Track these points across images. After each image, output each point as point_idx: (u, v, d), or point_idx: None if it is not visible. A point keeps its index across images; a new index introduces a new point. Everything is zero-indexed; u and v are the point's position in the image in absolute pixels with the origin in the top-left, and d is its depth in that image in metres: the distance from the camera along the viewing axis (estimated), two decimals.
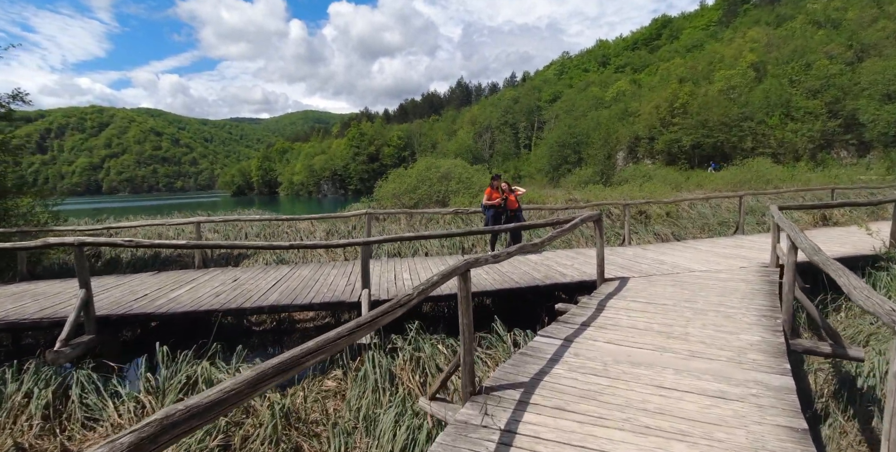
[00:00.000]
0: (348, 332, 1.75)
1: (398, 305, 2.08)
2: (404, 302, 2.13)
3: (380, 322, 2.00)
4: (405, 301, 2.14)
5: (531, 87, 79.66)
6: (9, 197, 13.71)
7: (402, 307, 2.10)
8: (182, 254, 11.87)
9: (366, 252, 5.10)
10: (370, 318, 1.92)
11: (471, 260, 2.81)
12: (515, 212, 8.26)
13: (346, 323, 1.86)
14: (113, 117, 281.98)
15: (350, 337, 1.76)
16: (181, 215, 25.02)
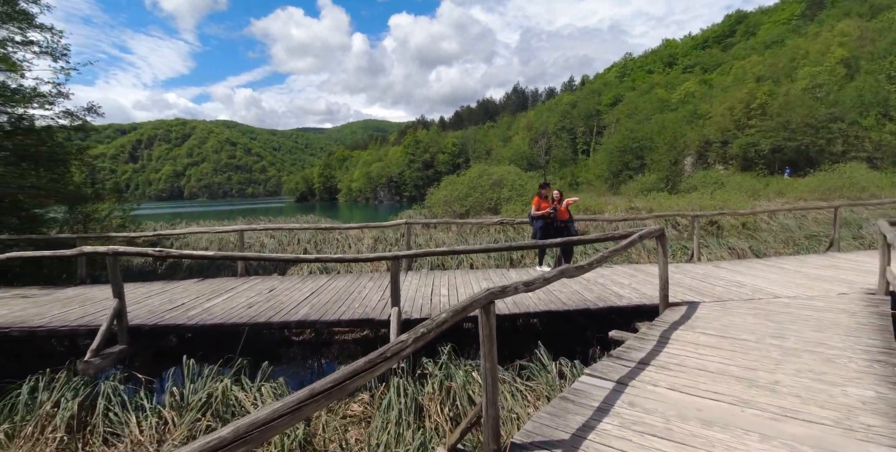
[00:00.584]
0: (309, 400, 1.33)
1: (382, 359, 1.63)
2: (394, 352, 1.68)
3: (354, 383, 1.56)
4: (396, 349, 1.69)
5: (590, 91, 77.04)
6: (89, 203, 14.88)
7: (386, 360, 1.65)
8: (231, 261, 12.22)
9: (395, 267, 4.71)
10: (331, 384, 1.48)
11: (495, 291, 2.30)
12: (566, 224, 7.56)
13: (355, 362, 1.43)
14: (194, 129, 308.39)
15: (314, 405, 1.34)
16: (243, 221, 26.28)
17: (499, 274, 7.41)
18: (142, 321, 5.00)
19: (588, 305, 5.32)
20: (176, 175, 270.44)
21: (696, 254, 8.70)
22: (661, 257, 4.99)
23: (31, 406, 4.10)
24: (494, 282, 6.73)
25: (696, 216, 8.66)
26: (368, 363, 1.56)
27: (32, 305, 5.83)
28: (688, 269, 7.57)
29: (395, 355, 1.66)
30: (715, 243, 11.24)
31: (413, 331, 1.81)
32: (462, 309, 2.09)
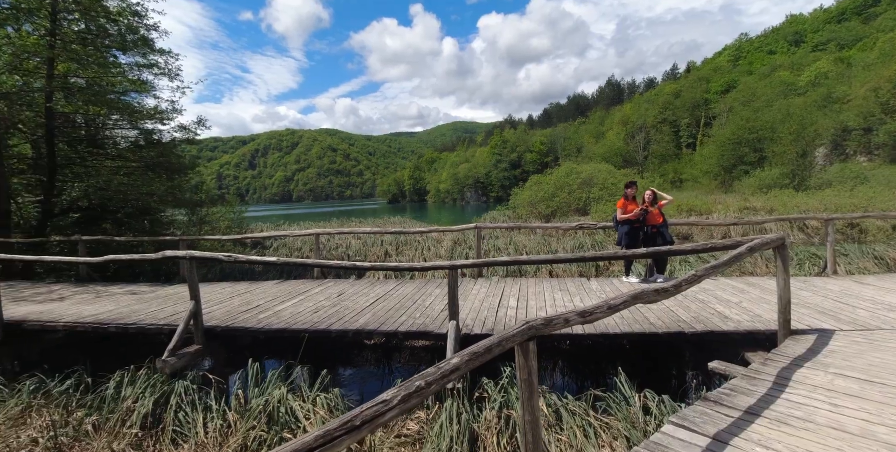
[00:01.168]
0: None
1: (344, 431, 1.24)
2: (364, 420, 1.28)
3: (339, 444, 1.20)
4: (367, 417, 1.29)
5: (697, 79, 69.73)
6: (204, 207, 16.64)
7: (351, 432, 1.26)
8: None
9: (453, 277, 4.34)
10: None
11: (536, 324, 1.82)
12: (659, 229, 6.59)
13: None
14: (301, 138, 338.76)
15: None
16: (336, 223, 27.85)
17: (577, 284, 6.69)
18: (217, 322, 5.23)
19: (682, 327, 4.47)
20: (286, 180, 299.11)
21: (831, 266, 7.11)
22: (781, 273, 4.01)
23: (116, 400, 4.43)
24: (571, 294, 6.06)
25: (830, 219, 7.06)
26: (321, 438, 1.20)
27: (136, 301, 6.46)
28: (818, 285, 6.17)
29: (364, 424, 1.28)
30: (856, 251, 9.23)
31: (403, 387, 1.39)
32: (486, 350, 1.65)
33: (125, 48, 11.25)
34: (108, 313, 5.74)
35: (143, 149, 13.15)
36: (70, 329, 5.32)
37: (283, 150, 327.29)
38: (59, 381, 4.89)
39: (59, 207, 10.30)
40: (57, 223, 11.39)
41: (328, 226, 25.81)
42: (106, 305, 6.31)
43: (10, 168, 11.06)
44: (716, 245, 4.09)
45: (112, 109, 10.89)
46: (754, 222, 7.96)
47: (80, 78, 11.22)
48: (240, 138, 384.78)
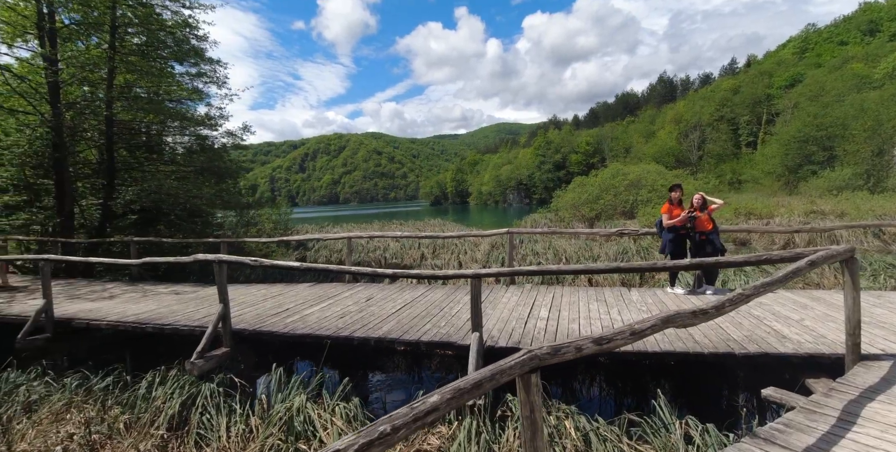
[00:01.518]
0: None
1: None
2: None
3: None
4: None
5: (758, 73, 65.29)
6: (251, 209, 17.29)
7: None
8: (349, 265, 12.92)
9: (476, 287, 4.13)
10: None
11: (540, 354, 1.59)
12: (708, 236, 6.06)
13: None
14: (348, 141, 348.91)
15: None
16: (378, 225, 28.22)
17: (617, 294, 6.27)
18: (246, 325, 5.30)
19: (732, 348, 4.02)
20: (333, 182, 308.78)
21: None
22: (850, 289, 3.50)
23: (147, 399, 4.55)
24: (608, 305, 5.68)
25: None
26: None
27: (177, 302, 6.71)
28: (894, 301, 5.44)
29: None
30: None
31: (364, 434, 1.19)
32: (474, 386, 1.43)
33: (179, 58, 11.89)
34: (149, 313, 5.97)
35: (193, 154, 13.85)
36: (112, 327, 5.57)
37: (331, 154, 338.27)
38: (100, 378, 5.11)
39: (116, 209, 10.97)
40: (117, 224, 12.18)
41: (369, 228, 26.25)
42: (149, 305, 6.58)
43: (76, 172, 11.96)
44: (771, 257, 3.63)
45: (167, 117, 11.48)
46: (821, 229, 7.17)
47: (139, 88, 11.99)
48: (291, 143, 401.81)
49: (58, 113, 10.01)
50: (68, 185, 10.59)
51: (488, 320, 5.21)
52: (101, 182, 11.38)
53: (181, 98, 12.74)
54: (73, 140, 11.31)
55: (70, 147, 10.75)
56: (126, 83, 11.71)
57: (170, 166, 13.09)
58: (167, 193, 10.56)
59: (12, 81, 9.66)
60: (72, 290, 8.02)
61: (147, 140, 13.12)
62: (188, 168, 13.36)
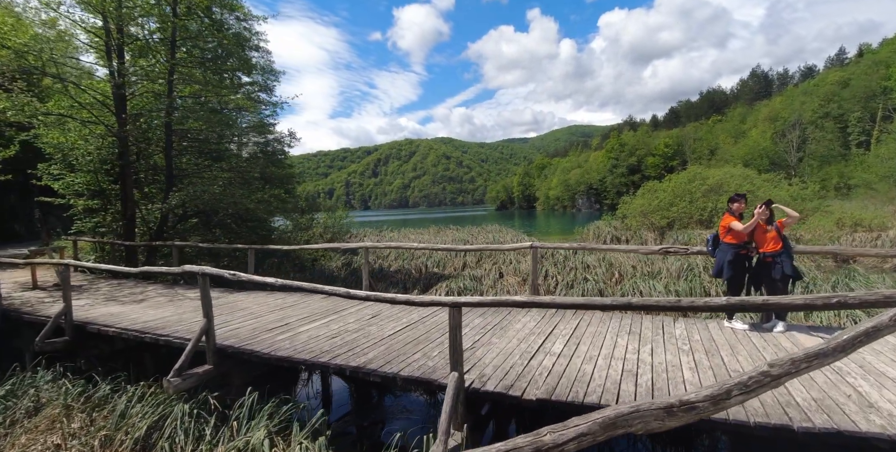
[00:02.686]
0: None
1: None
2: None
3: None
4: None
5: (872, 63, 56.65)
6: (304, 214, 17.71)
7: None
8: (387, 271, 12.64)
9: (455, 317, 3.47)
10: None
11: None
12: (775, 258, 4.83)
13: None
14: (418, 147, 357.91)
15: None
16: (434, 230, 27.99)
17: (655, 325, 5.21)
18: (235, 341, 5.04)
19: (791, 417, 2.99)
20: (403, 187, 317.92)
21: None
22: None
23: (124, 416, 4.41)
24: (642, 340, 4.70)
25: None
26: None
27: (193, 309, 6.68)
28: None
29: None
30: None
31: None
32: None
33: (238, 69, 12.45)
34: (159, 320, 5.97)
35: (249, 160, 14.44)
36: (117, 334, 5.60)
37: (402, 159, 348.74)
38: (102, 386, 5.12)
39: (168, 213, 11.57)
40: (178, 227, 12.94)
41: (425, 233, 26.10)
42: (167, 311, 6.64)
43: (145, 178, 12.87)
44: (846, 300, 2.60)
45: (221, 126, 11.96)
46: None
47: (197, 97, 12.71)
48: (365, 148, 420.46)
49: (122, 123, 10.76)
50: (130, 191, 11.35)
51: (488, 352, 4.50)
52: (160, 187, 12.11)
53: (240, 107, 13.30)
54: (138, 148, 12.19)
55: (133, 155, 11.53)
56: (191, 94, 12.45)
57: (226, 173, 13.66)
58: (214, 198, 10.93)
59: (82, 95, 10.53)
60: (115, 291, 8.43)
61: (206, 147, 13.82)
62: (249, 174, 13.92)
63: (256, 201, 12.64)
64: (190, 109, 11.58)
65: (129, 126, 10.65)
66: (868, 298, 2.58)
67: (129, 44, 11.07)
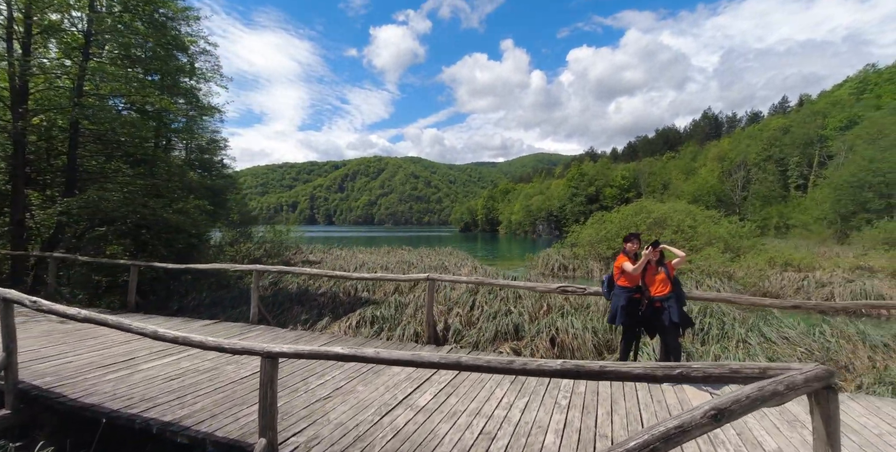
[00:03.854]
0: None
1: None
2: None
3: None
4: None
5: (811, 113, 61.44)
6: (239, 227, 16.66)
7: None
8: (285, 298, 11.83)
9: (268, 370, 2.88)
10: None
11: None
12: (664, 302, 4.54)
13: None
14: (387, 164, 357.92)
15: None
16: (386, 249, 27.25)
17: None
18: (49, 379, 4.21)
19: None
20: (370, 203, 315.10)
21: None
22: (822, 442, 2.03)
23: None
24: (522, 391, 4.21)
25: None
26: None
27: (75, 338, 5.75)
28: None
29: None
30: None
31: None
32: None
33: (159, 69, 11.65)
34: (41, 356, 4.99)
35: (174, 167, 13.44)
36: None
37: (370, 176, 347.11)
38: None
39: (59, 220, 10.42)
40: (86, 236, 11.68)
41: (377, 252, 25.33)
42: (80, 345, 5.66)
43: (42, 179, 11.64)
44: (690, 373, 2.21)
45: (129, 127, 11.04)
46: (828, 307, 5.09)
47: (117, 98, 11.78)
48: (333, 163, 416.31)
49: (17, 117, 9.71)
50: (21, 193, 10.20)
51: (341, 405, 3.88)
52: (56, 192, 10.97)
53: (163, 110, 12.41)
54: (44, 146, 11.07)
55: (32, 154, 10.44)
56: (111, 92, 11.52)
57: (142, 180, 12.60)
58: (112, 206, 9.92)
59: None
60: None
61: (129, 150, 12.76)
62: (172, 182, 12.91)
63: (177, 212, 11.68)
64: (100, 108, 10.63)
65: (21, 122, 9.62)
66: (713, 371, 2.21)
67: (36, 34, 10.15)
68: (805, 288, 15.23)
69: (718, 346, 7.23)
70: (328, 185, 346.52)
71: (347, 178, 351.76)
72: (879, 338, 7.73)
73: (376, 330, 7.88)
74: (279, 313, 10.50)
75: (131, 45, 11.39)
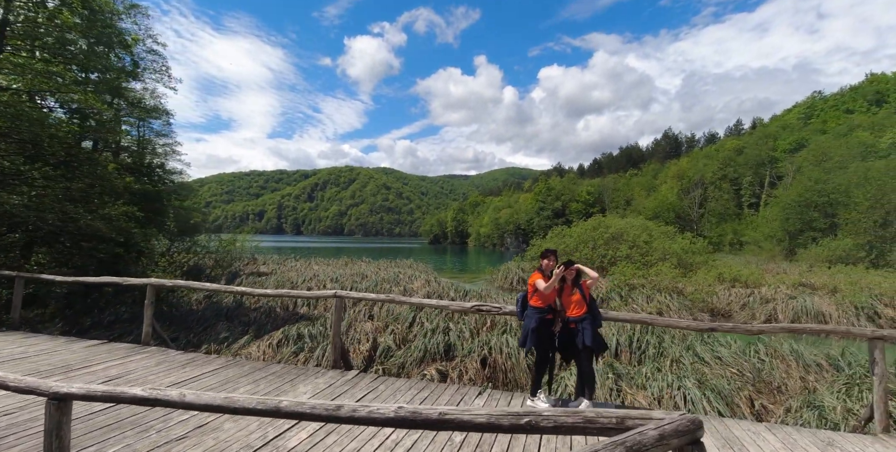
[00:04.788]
0: None
1: None
2: None
3: None
4: None
5: (763, 135, 64.86)
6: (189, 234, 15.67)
7: None
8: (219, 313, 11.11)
9: (55, 415, 2.32)
10: None
11: None
12: (578, 324, 4.21)
13: None
14: (359, 175, 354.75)
15: None
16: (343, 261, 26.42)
17: (453, 403, 4.34)
18: None
19: None
20: (340, 214, 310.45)
21: (881, 417, 4.21)
22: None
23: None
24: None
25: (879, 337, 4.30)
26: None
27: None
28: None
29: None
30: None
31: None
32: None
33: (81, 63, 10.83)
34: None
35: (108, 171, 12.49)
36: None
37: (341, 186, 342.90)
38: None
39: None
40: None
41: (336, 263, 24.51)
42: None
43: None
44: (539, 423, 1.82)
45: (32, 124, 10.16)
46: (746, 329, 4.76)
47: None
48: (303, 172, 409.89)
49: None
50: None
51: (195, 447, 3.31)
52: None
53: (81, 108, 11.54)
54: None
55: None
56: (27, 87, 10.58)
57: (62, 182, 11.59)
58: (15, 211, 8.97)
59: None
60: None
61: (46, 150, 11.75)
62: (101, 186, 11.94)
63: (99, 218, 10.76)
64: (7, 104, 9.70)
65: None
66: (565, 420, 1.84)
67: None
68: (750, 305, 15.47)
69: (653, 366, 7.00)
70: (297, 194, 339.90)
71: (317, 188, 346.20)
72: (812, 358, 7.69)
73: (295, 350, 7.26)
74: (200, 331, 9.71)
75: (65, 41, 10.57)
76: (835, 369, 7.45)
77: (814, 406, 5.66)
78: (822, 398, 5.81)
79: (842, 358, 7.52)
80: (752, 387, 6.33)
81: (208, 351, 7.72)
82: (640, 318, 4.46)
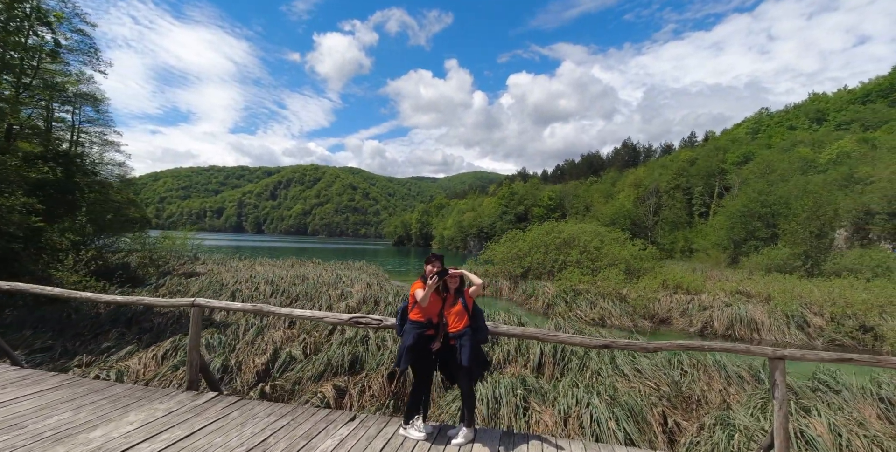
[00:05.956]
0: None
1: None
2: None
3: None
4: None
5: (714, 148, 67.77)
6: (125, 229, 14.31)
7: None
8: None
9: None
10: None
11: None
12: (458, 339, 3.67)
13: None
14: (324, 174, 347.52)
15: None
16: (291, 261, 25.37)
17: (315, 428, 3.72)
18: None
19: None
20: (304, 213, 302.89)
21: (781, 443, 3.86)
22: None
23: None
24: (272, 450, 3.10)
25: (780, 357, 3.95)
26: None
27: None
28: None
29: None
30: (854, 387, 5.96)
31: None
32: None
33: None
34: None
35: None
36: None
37: (306, 184, 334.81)
38: None
39: None
40: None
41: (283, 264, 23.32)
42: None
43: None
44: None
45: None
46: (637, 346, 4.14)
47: None
48: (266, 169, 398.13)
49: None
50: None
51: None
52: None
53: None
54: None
55: None
56: None
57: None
58: None
59: None
60: None
61: None
62: None
63: None
64: None
65: None
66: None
67: None
68: (689, 312, 15.60)
69: (571, 381, 6.60)
70: (259, 192, 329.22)
71: (281, 186, 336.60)
72: (735, 370, 7.53)
73: (176, 364, 6.41)
74: (89, 339, 8.63)
75: None
76: (756, 381, 7.30)
77: (726, 424, 5.38)
78: (737, 415, 5.53)
79: (763, 371, 7.38)
80: (667, 402, 6.01)
81: (80, 364, 6.74)
82: (531, 333, 3.95)
